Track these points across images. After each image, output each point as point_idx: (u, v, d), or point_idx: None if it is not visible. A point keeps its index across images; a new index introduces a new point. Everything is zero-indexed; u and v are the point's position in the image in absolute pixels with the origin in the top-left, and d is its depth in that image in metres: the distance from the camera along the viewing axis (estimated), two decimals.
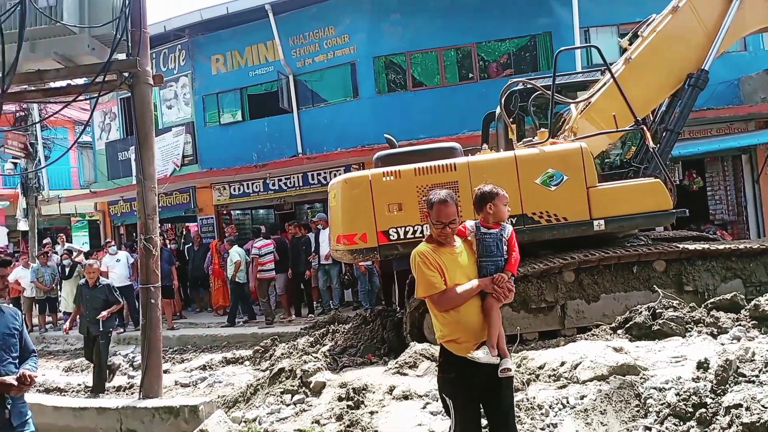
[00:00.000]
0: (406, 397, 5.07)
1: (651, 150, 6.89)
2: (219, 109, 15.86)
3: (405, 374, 5.63)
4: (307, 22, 14.42)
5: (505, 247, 3.36)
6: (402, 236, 6.62)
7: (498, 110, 7.93)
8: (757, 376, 3.83)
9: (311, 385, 5.72)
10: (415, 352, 5.95)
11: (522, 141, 7.29)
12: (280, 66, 14.61)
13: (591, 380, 4.65)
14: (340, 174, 12.43)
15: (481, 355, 3.14)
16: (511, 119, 7.64)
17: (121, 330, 12.75)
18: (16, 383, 3.40)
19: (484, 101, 9.65)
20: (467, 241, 3.40)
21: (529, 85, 7.56)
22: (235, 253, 12.02)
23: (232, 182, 15.08)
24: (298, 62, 14.68)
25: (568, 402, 4.43)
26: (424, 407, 4.83)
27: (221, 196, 15.50)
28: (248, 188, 15.09)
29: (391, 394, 5.16)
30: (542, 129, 7.10)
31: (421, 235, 6.58)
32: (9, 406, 3.46)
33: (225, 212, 16.03)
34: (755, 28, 7.65)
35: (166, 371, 8.24)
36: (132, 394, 8.04)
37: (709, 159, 12.51)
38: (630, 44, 7.61)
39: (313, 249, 11.88)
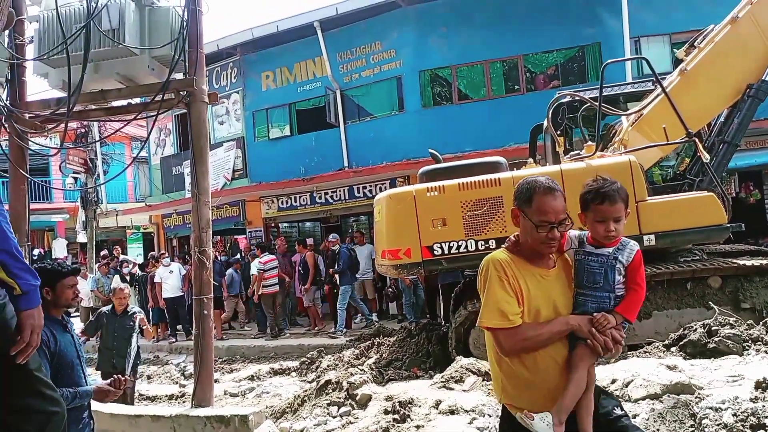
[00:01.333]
0: (452, 412, 5.03)
1: (704, 163, 6.69)
2: (268, 125, 16.23)
3: (451, 388, 5.60)
4: (355, 38, 14.65)
5: (619, 278, 2.28)
6: (446, 251, 6.56)
7: (545, 123, 7.86)
8: None
9: (357, 398, 5.74)
10: (462, 366, 5.90)
11: (569, 154, 7.20)
12: (328, 81, 14.87)
13: (643, 399, 4.52)
14: (385, 187, 12.56)
15: (539, 425, 2.15)
16: (559, 132, 7.55)
17: (173, 339, 13.14)
18: (112, 388, 3.38)
19: (531, 114, 9.55)
20: (563, 258, 2.37)
21: (576, 98, 7.46)
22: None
23: (280, 195, 15.39)
24: (345, 77, 14.91)
25: None
26: (470, 422, 4.79)
27: (270, 209, 15.82)
28: (296, 201, 15.38)
29: (437, 409, 5.13)
30: (589, 142, 6.99)
31: (465, 250, 6.51)
32: (93, 419, 3.43)
33: (273, 225, 16.35)
34: None
35: (215, 381, 8.35)
36: (183, 402, 8.25)
37: (766, 171, 12.06)
38: (686, 55, 7.42)
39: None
